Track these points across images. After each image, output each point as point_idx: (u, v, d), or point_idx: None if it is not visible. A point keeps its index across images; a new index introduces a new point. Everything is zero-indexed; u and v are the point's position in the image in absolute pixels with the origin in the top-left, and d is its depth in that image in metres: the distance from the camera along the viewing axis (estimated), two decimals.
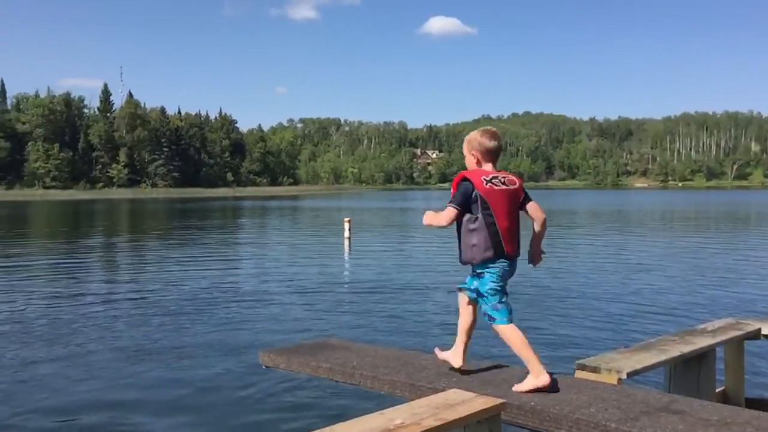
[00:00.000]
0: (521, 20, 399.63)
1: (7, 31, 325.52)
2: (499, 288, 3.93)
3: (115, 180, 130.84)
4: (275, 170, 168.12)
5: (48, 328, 11.17)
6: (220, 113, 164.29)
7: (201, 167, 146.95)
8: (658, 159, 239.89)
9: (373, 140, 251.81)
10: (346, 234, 26.91)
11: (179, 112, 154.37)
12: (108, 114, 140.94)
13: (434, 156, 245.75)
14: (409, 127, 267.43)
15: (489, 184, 3.83)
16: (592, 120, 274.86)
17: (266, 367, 5.07)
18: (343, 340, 5.73)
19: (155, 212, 61.83)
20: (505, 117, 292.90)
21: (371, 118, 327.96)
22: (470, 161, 4.01)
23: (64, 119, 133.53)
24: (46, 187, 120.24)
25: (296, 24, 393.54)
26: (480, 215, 3.82)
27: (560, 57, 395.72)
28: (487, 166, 3.96)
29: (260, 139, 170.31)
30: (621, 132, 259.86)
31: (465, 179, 3.89)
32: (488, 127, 4.03)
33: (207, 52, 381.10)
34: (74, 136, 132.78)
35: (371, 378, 4.42)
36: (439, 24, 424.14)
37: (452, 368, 4.27)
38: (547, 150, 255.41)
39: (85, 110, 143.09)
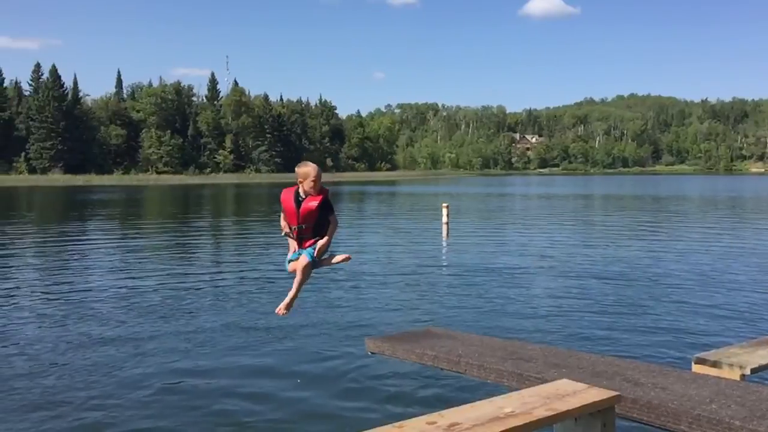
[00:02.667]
0: None
1: (123, 23, 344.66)
2: None
3: (221, 165, 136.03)
4: (373, 156, 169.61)
5: (162, 304, 11.81)
6: (320, 99, 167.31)
7: (302, 153, 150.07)
8: None
9: (471, 125, 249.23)
10: (444, 219, 26.80)
11: (281, 99, 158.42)
12: (215, 102, 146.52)
13: (534, 140, 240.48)
14: (507, 111, 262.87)
15: None
16: (704, 101, 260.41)
17: (372, 353, 5.13)
18: (446, 329, 5.73)
19: (259, 197, 63.91)
20: (609, 99, 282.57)
21: (469, 103, 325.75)
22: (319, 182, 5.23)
23: (175, 107, 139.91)
24: (158, 172, 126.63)
25: (395, 8, 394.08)
26: None
27: (669, 35, 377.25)
28: None
29: (359, 124, 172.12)
30: (735, 114, 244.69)
31: (329, 195, 5.35)
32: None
33: (308, 38, 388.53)
34: (184, 123, 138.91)
35: (477, 366, 4.38)
36: (540, 4, 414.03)
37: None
38: (654, 133, 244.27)
39: (194, 98, 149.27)
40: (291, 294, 5.30)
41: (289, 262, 5.27)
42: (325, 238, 5.26)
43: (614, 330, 9.68)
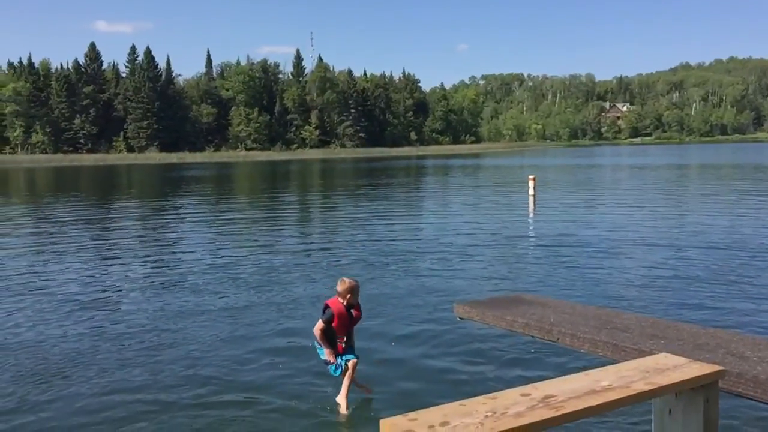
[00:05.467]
0: None
1: (210, 4, 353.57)
2: None
3: (307, 141, 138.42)
4: (457, 128, 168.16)
5: (255, 275, 12.18)
6: (404, 73, 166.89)
7: (386, 127, 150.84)
8: None
9: (558, 94, 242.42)
10: (531, 192, 26.34)
11: (365, 74, 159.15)
12: (300, 78, 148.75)
13: (624, 109, 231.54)
14: (597, 80, 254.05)
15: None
16: None
17: (461, 319, 5.12)
18: (537, 296, 5.63)
19: (344, 171, 64.67)
20: (707, 64, 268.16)
21: (556, 72, 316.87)
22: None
23: (262, 85, 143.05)
24: (247, 149, 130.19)
25: None
26: None
27: None
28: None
29: (443, 97, 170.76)
30: None
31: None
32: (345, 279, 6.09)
33: (390, 12, 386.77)
34: (271, 101, 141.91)
35: (570, 335, 4.29)
36: None
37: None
38: (756, 99, 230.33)
39: (280, 75, 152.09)
40: (346, 393, 5.96)
41: (338, 367, 5.95)
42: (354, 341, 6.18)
43: (715, 301, 9.27)
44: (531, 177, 27.27)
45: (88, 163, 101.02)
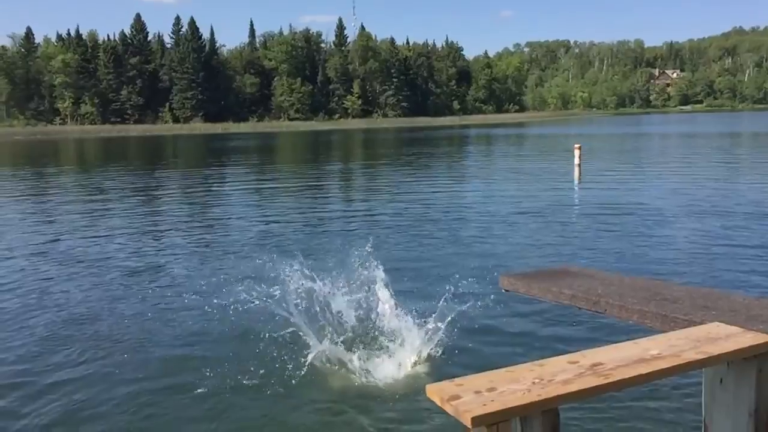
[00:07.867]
0: None
1: None
2: None
3: (349, 111, 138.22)
4: (501, 97, 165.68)
5: (299, 244, 12.28)
6: (447, 41, 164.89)
7: (428, 96, 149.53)
8: None
9: (605, 61, 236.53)
10: (576, 161, 25.90)
11: (407, 42, 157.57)
12: (342, 48, 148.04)
13: (674, 76, 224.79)
14: (646, 46, 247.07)
15: None
16: None
17: (506, 290, 5.09)
18: (583, 268, 5.55)
19: (387, 141, 64.47)
20: (762, 28, 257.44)
21: (603, 38, 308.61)
22: None
23: (304, 54, 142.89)
24: (290, 119, 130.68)
25: None
26: None
27: None
28: None
29: (486, 65, 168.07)
30: None
31: None
32: None
33: None
34: (313, 70, 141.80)
35: (618, 306, 4.22)
36: None
37: None
38: None
39: (322, 45, 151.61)
40: None
41: None
42: None
43: None
44: (576, 146, 26.81)
45: (135, 133, 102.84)
